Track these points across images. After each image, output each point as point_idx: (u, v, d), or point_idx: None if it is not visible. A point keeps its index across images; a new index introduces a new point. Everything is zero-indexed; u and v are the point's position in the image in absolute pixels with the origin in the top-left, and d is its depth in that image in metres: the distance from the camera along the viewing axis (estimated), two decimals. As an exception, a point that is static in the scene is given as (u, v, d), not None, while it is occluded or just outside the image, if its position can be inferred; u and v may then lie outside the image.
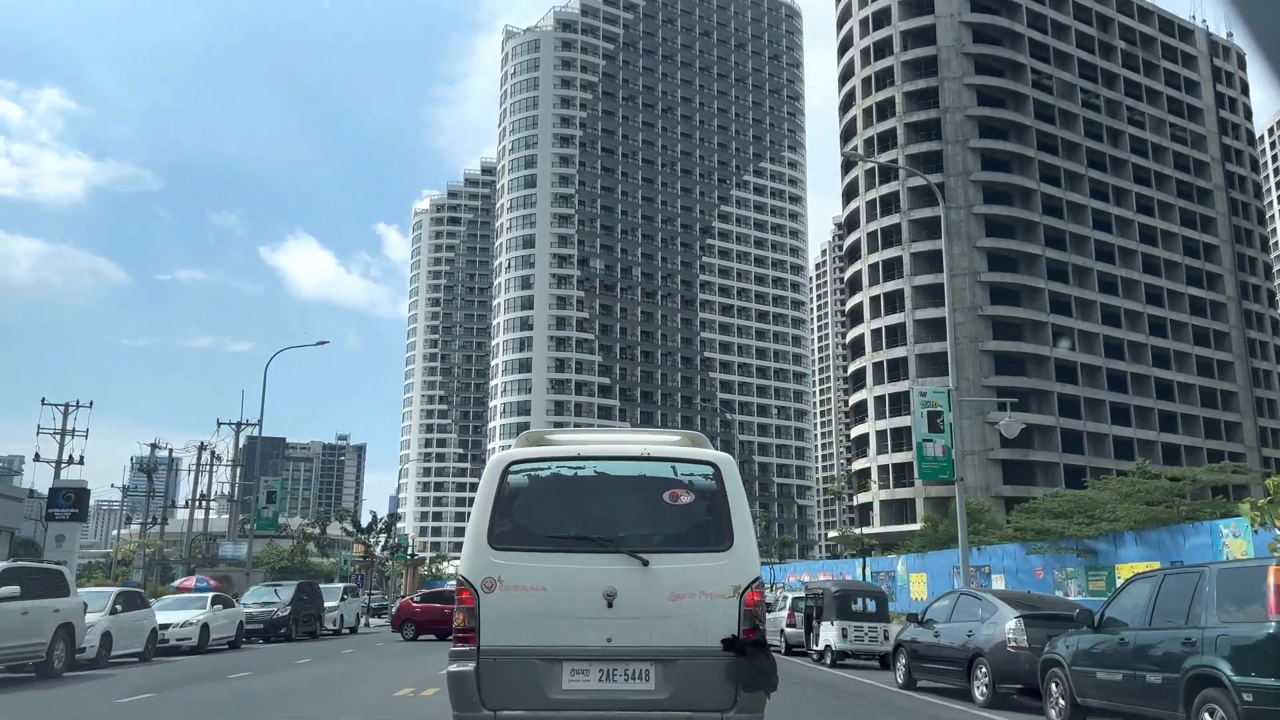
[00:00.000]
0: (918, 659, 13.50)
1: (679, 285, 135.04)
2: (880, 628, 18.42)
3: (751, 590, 5.75)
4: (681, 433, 6.89)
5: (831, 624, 18.35)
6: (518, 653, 5.63)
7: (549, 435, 6.87)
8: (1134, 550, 25.55)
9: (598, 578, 5.66)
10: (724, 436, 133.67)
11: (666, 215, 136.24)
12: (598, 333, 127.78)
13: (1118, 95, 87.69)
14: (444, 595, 29.05)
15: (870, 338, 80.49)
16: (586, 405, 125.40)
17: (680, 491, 5.94)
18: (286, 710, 11.96)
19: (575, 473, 6.02)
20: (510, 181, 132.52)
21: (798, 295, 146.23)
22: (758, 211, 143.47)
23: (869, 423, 79.77)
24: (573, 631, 5.64)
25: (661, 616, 5.66)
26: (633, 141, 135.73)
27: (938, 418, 19.40)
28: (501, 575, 5.70)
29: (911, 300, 77.67)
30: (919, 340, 76.87)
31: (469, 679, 5.61)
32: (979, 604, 12.39)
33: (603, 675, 5.64)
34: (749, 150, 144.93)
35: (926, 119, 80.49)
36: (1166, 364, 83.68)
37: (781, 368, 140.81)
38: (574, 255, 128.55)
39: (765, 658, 5.71)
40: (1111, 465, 76.17)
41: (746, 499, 6.07)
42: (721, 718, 5.58)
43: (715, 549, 5.80)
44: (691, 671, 5.62)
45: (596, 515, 5.93)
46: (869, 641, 18.29)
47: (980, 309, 75.89)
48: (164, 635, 20.72)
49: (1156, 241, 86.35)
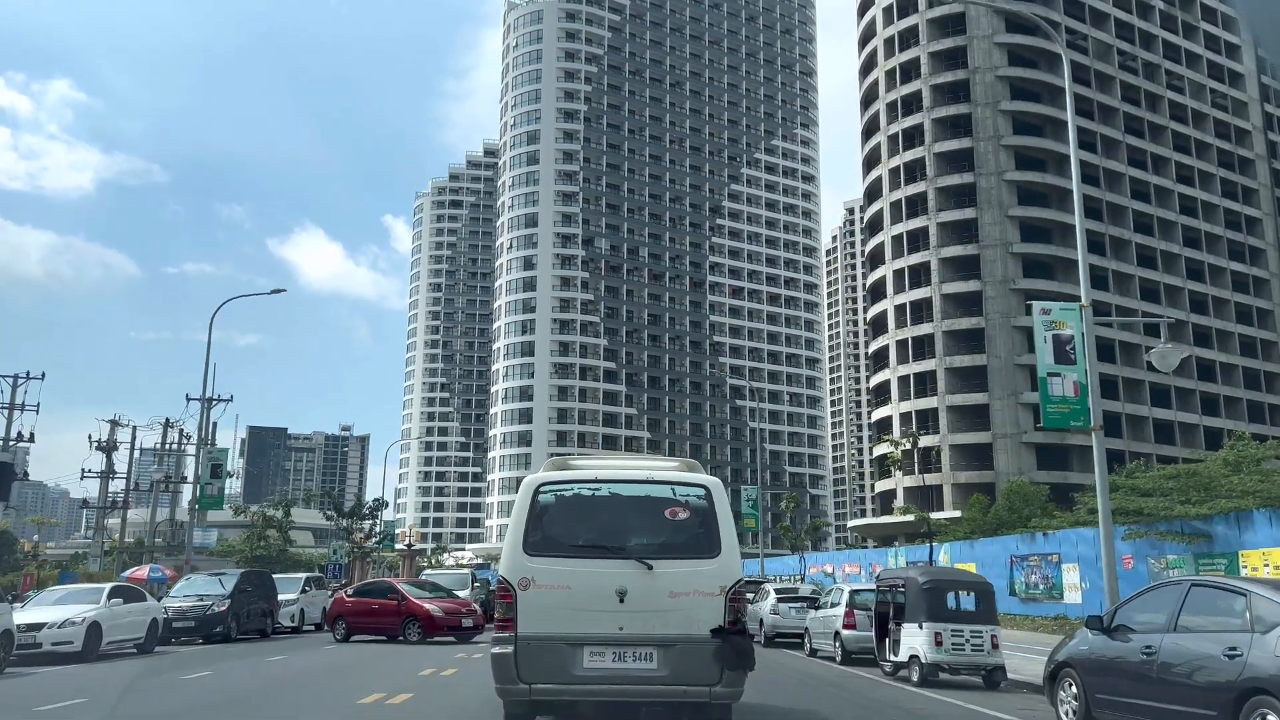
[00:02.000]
0: (1110, 693, 8.36)
1: (687, 266, 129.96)
2: (986, 633, 13.33)
3: (735, 590, 7.01)
4: (679, 460, 8.29)
5: (920, 627, 13.42)
6: (547, 638, 6.92)
7: (572, 461, 8.02)
8: (1267, 533, 20.61)
9: (611, 579, 7.00)
10: (734, 423, 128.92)
11: (674, 194, 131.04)
12: (603, 315, 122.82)
13: (1156, 58, 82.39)
14: (378, 589, 24.26)
15: (893, 314, 75.43)
16: (591, 390, 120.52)
17: (678, 509, 7.27)
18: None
19: (593, 493, 7.37)
20: (512, 158, 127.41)
21: (810, 278, 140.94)
22: (769, 190, 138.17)
23: (892, 405, 74.78)
24: (591, 622, 6.96)
25: (663, 610, 6.96)
26: (639, 117, 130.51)
27: (1067, 345, 14.35)
28: (534, 576, 7.03)
29: (938, 273, 72.61)
30: (947, 316, 71.85)
31: (509, 659, 6.92)
32: (1241, 601, 7.37)
33: (616, 657, 6.94)
34: (760, 127, 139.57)
35: (954, 80, 75.30)
36: (1208, 343, 78.57)
37: (794, 353, 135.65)
38: (578, 235, 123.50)
39: (745, 643, 7.03)
40: (1151, 450, 71.24)
41: (731, 515, 7.33)
42: (709, 691, 6.90)
43: (706, 556, 7.08)
44: (687, 654, 6.90)
45: (610, 528, 7.28)
46: (971, 651, 13.21)
47: (1013, 282, 70.81)
48: (35, 639, 15.98)
49: (1197, 213, 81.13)
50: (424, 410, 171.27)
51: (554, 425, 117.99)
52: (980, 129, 73.41)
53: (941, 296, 72.12)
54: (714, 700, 6.92)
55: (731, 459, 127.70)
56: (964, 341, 71.23)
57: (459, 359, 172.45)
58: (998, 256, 71.12)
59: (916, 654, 13.32)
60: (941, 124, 74.86)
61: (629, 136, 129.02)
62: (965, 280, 71.73)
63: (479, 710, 9.76)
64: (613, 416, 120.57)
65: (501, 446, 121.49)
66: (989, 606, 13.77)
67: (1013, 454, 68.75)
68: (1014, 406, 69.58)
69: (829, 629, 17.32)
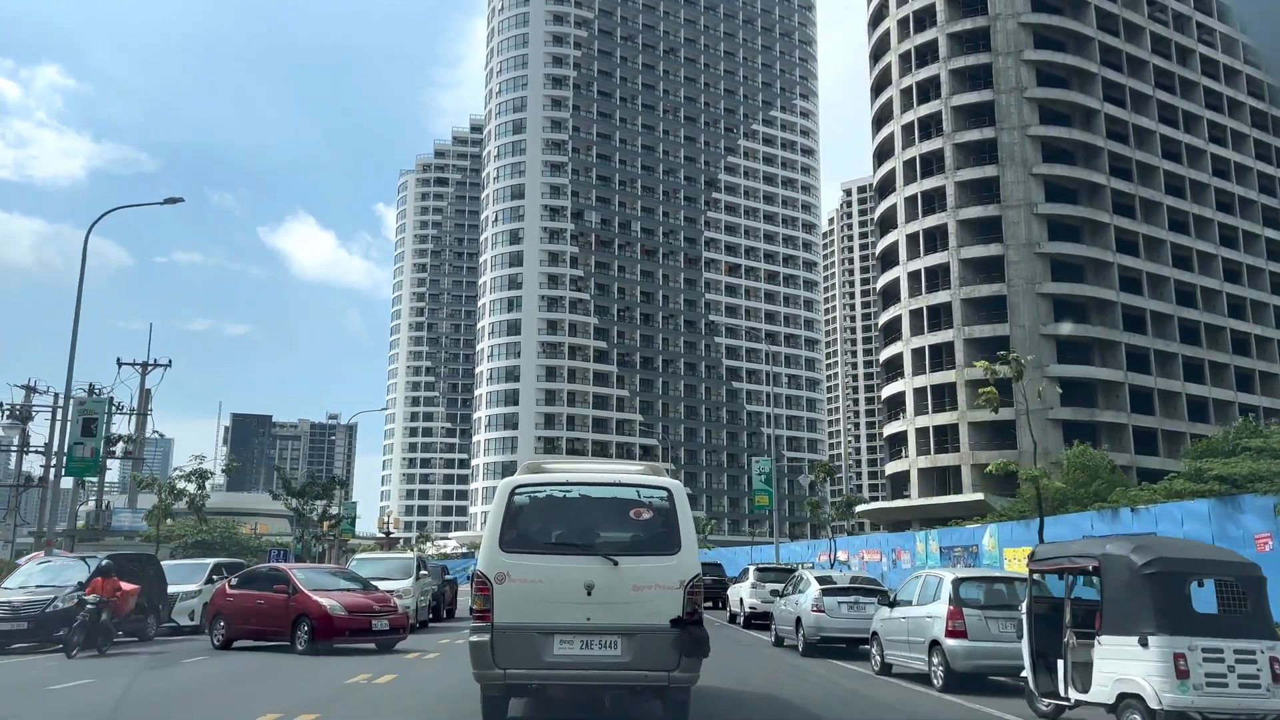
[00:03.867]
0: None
1: (682, 242, 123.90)
2: (1261, 654, 7.59)
3: (693, 584, 7.53)
4: (644, 464, 8.74)
5: (1142, 644, 7.67)
6: (521, 628, 7.45)
7: (545, 465, 8.51)
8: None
9: (580, 573, 7.50)
10: (730, 406, 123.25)
11: (668, 165, 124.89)
12: (593, 292, 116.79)
13: (1186, 8, 76.68)
14: (265, 577, 17.68)
15: (906, 282, 69.69)
16: (581, 371, 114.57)
17: (642, 509, 7.82)
18: None
19: (564, 494, 7.91)
20: (498, 127, 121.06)
21: (809, 255, 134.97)
22: (767, 164, 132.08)
23: (905, 379, 69.08)
24: (561, 612, 7.46)
25: (626, 602, 7.47)
26: (631, 85, 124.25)
27: None
28: (509, 571, 7.55)
29: (957, 237, 66.87)
30: (965, 283, 66.15)
31: (486, 646, 7.47)
32: None
33: (583, 644, 7.46)
34: (757, 97, 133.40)
35: (973, 28, 69.46)
36: (1243, 315, 73.10)
37: (792, 333, 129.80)
38: (567, 207, 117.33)
39: (701, 632, 7.47)
40: (1185, 429, 65.82)
41: (691, 515, 7.87)
42: (668, 675, 7.45)
43: (667, 553, 7.62)
44: (648, 642, 7.41)
45: (580, 526, 7.83)
46: (1240, 688, 7.45)
47: (1037, 245, 65.14)
48: None
49: (1230, 176, 75.55)
50: (408, 394, 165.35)
51: (542, 407, 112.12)
52: (1001, 80, 67.61)
53: (960, 261, 66.42)
54: (672, 684, 7.46)
55: (728, 443, 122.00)
56: (984, 310, 65.58)
57: (445, 342, 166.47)
58: (1021, 218, 65.41)
59: (1138, 692, 7.42)
60: (959, 75, 69.04)
61: (620, 105, 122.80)
62: (986, 244, 66.05)
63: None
64: (604, 398, 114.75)
65: (487, 430, 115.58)
66: (1260, 605, 7.91)
67: (1038, 431, 62.85)
68: (1039, 381, 63.84)
69: (920, 636, 11.53)
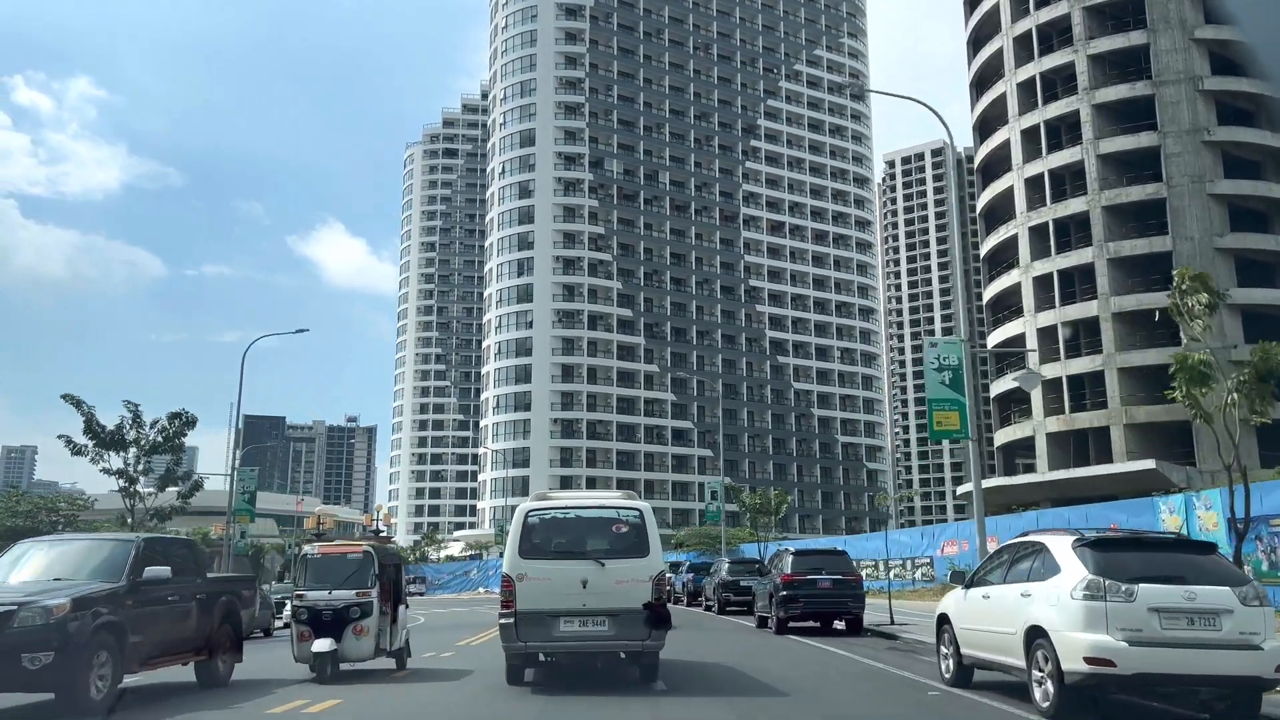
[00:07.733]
0: None
1: (717, 196, 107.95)
2: None
3: (659, 577, 10.92)
4: (623, 492, 12.93)
5: None
6: (536, 612, 10.68)
7: (550, 495, 12.24)
8: None
9: (577, 573, 10.78)
10: (774, 384, 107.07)
11: (700, 109, 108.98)
12: (616, 253, 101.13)
13: None
14: None
15: (1023, 190, 53.48)
16: (603, 343, 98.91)
17: (621, 525, 11.13)
18: None
19: (564, 515, 11.42)
20: (505, 66, 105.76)
21: (863, 213, 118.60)
22: (812, 109, 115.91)
23: (1025, 318, 52.78)
24: (564, 600, 10.68)
25: (611, 592, 10.71)
26: (657, 16, 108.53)
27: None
28: (526, 572, 10.82)
29: (1093, 126, 50.59)
30: (1107, 186, 49.84)
31: (511, 627, 10.70)
32: None
33: (581, 623, 10.70)
34: (800, 34, 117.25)
35: None
36: None
37: (844, 300, 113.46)
38: (584, 155, 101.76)
39: (665, 611, 10.85)
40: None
41: (657, 527, 11.29)
42: (642, 644, 10.78)
43: (639, 556, 10.91)
44: (627, 620, 10.68)
45: (576, 538, 11.19)
46: None
47: (1205, 133, 48.74)
48: None
49: None
50: (417, 385, 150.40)
51: (557, 384, 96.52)
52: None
53: (1099, 158, 50.11)
54: (645, 650, 10.87)
55: (773, 426, 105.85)
56: (1134, 221, 49.31)
57: (456, 327, 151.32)
58: (1181, 96, 49.04)
59: None
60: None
61: (645, 40, 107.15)
62: (1134, 134, 49.78)
63: None
64: (629, 375, 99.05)
65: (495, 412, 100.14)
66: None
67: (1215, 379, 46.59)
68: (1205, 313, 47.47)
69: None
